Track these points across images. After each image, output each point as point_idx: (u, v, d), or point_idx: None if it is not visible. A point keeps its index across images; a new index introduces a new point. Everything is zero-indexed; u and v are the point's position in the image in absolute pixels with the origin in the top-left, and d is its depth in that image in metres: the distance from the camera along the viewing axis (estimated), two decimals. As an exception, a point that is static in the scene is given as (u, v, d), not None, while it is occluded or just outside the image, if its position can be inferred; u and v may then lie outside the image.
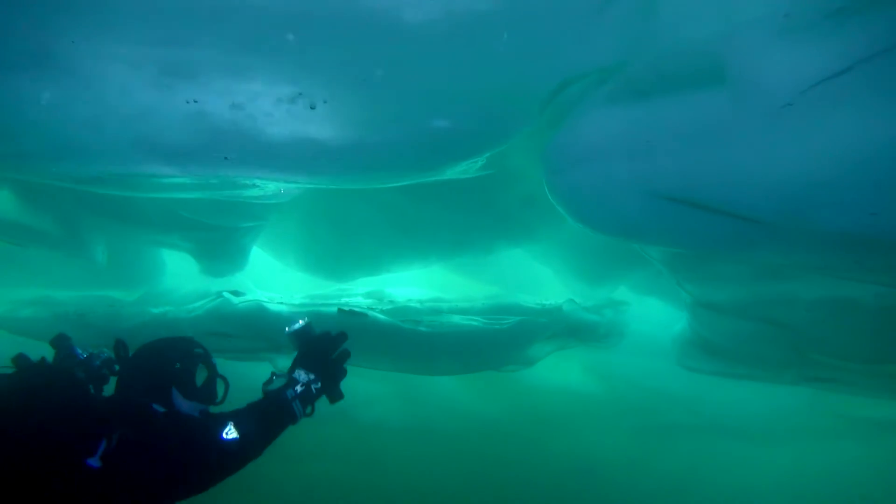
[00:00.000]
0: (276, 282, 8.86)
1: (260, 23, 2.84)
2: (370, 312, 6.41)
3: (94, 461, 2.09)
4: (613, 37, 3.60)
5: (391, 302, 7.80)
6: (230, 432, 2.38)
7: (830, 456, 11.92)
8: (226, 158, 3.63)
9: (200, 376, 2.65)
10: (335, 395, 2.74)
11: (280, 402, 2.56)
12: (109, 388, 2.60)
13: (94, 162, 3.52)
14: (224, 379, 2.76)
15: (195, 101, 3.09)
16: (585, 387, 11.29)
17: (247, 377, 3.47)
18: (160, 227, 6.28)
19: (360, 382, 10.95)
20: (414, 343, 6.35)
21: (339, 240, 7.55)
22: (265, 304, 6.56)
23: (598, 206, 4.23)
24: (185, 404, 2.56)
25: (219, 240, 6.78)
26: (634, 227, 4.44)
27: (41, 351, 2.54)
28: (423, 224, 6.92)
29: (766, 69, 3.37)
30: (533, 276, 9.42)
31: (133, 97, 2.95)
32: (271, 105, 3.24)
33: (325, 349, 2.73)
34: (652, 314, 9.67)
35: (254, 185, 4.29)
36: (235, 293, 7.36)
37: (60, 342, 2.55)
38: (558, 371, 10.98)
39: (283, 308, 6.59)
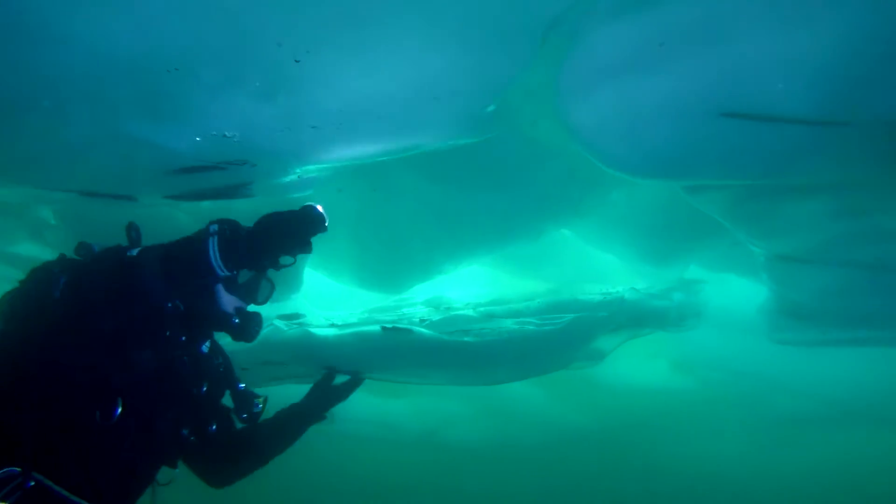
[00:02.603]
0: (335, 301, 8.83)
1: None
2: (414, 328, 6.25)
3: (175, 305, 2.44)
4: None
5: (447, 308, 7.58)
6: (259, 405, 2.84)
7: None
8: (224, 136, 3.58)
9: (244, 275, 2.63)
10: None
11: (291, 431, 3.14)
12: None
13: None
14: (271, 282, 2.72)
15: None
16: (677, 383, 10.47)
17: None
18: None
19: (442, 402, 10.65)
20: (463, 354, 6.17)
21: (387, 248, 7.44)
22: (312, 329, 6.48)
23: (625, 137, 3.89)
24: (225, 298, 2.57)
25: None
26: (670, 158, 4.05)
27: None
28: (464, 215, 6.70)
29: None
30: (597, 266, 8.95)
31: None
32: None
33: (334, 400, 3.34)
34: (733, 291, 8.93)
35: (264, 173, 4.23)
36: (295, 316, 7.33)
37: (82, 250, 2.53)
38: (644, 370, 10.28)
39: (332, 332, 6.49)
